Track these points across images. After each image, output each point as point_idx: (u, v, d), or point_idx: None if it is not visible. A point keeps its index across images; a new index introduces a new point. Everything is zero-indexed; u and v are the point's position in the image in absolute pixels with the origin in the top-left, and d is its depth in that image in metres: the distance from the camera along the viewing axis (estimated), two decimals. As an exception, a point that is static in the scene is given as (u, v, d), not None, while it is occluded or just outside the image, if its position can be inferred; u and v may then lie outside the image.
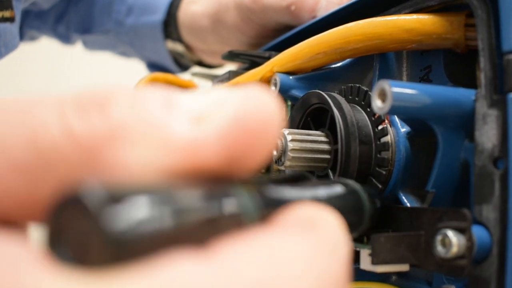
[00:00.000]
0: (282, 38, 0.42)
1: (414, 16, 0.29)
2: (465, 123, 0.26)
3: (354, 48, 0.32)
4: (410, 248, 0.26)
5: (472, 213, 0.25)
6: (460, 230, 0.24)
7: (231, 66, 0.51)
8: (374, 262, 0.25)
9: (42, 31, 0.70)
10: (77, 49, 0.73)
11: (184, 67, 0.62)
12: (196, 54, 0.59)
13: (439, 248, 0.24)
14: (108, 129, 0.13)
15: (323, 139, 0.30)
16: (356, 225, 0.22)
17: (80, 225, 0.12)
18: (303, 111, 0.32)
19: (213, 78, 0.47)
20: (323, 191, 0.17)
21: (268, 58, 0.39)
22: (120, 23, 0.62)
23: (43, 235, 0.13)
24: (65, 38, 0.70)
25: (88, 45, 0.70)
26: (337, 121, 0.28)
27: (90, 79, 1.28)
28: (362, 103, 0.30)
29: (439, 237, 0.24)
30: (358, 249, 0.27)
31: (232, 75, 0.41)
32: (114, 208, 0.11)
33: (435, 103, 0.25)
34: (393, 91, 0.24)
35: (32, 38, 0.73)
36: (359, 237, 0.28)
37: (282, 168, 0.31)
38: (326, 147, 0.30)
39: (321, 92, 0.30)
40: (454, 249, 0.24)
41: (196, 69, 0.56)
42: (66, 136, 0.13)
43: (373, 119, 0.29)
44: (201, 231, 0.12)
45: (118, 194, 0.12)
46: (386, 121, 0.29)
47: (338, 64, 0.36)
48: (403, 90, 0.24)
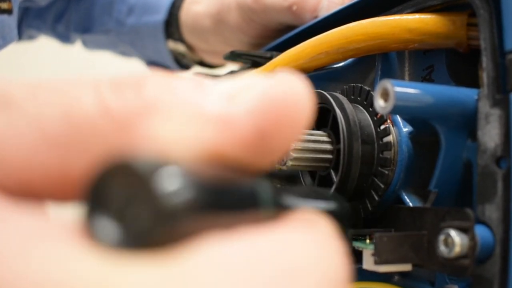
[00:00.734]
0: (284, 38, 0.42)
1: (417, 16, 0.29)
2: (468, 123, 0.26)
3: (356, 48, 0.32)
4: (413, 248, 0.26)
5: (475, 213, 0.25)
6: (463, 230, 0.24)
7: (233, 66, 0.51)
8: (377, 262, 0.25)
9: (41, 30, 0.70)
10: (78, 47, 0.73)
11: (185, 67, 0.62)
12: (198, 54, 0.59)
13: (442, 248, 0.24)
14: (142, 105, 0.13)
15: (325, 139, 0.30)
16: None
17: (128, 192, 0.11)
18: (305, 111, 0.32)
19: (215, 78, 0.47)
20: (321, 204, 0.17)
21: (270, 58, 0.39)
22: (121, 23, 0.62)
23: (79, 210, 0.12)
24: (65, 38, 0.70)
25: (88, 45, 0.70)
26: (339, 121, 0.28)
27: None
28: (364, 103, 0.30)
29: (442, 237, 0.24)
30: (361, 249, 0.27)
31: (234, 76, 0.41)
32: (167, 170, 0.11)
33: (438, 103, 0.25)
34: (396, 91, 0.24)
35: (31, 37, 0.73)
36: (362, 237, 0.28)
37: (284, 168, 0.31)
38: (328, 147, 0.30)
39: (323, 92, 0.30)
40: (457, 249, 0.24)
41: (197, 69, 0.56)
42: (101, 111, 0.13)
43: (376, 119, 0.29)
44: (227, 215, 0.12)
45: (161, 162, 0.11)
46: (389, 121, 0.29)
47: (340, 64, 0.36)
48: (406, 90, 0.24)
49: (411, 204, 0.29)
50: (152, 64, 0.63)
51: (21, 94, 0.13)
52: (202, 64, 0.61)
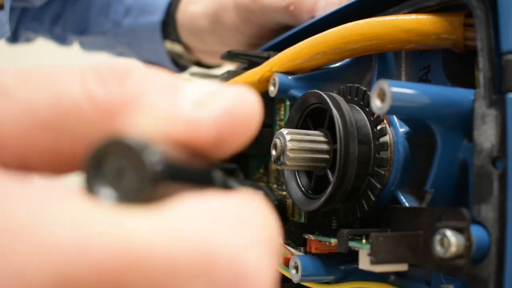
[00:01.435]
0: (281, 38, 0.42)
1: (413, 16, 0.29)
2: (464, 123, 0.26)
3: (353, 48, 0.32)
4: (409, 248, 0.26)
5: (471, 213, 0.25)
6: (459, 230, 0.24)
7: (230, 66, 0.51)
8: (373, 262, 0.25)
9: (39, 32, 0.70)
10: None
11: (182, 68, 0.62)
12: (195, 55, 0.59)
13: (438, 248, 0.24)
14: (124, 98, 0.16)
15: (322, 139, 0.30)
16: None
17: (121, 162, 0.14)
18: (302, 111, 0.32)
19: (212, 78, 0.47)
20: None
21: (267, 58, 0.39)
22: (118, 24, 0.62)
23: (79, 179, 0.15)
24: (62, 39, 0.70)
25: (85, 46, 0.70)
26: (336, 121, 0.28)
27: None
28: (361, 103, 0.30)
29: (438, 237, 0.25)
30: (357, 249, 0.27)
31: (231, 75, 0.41)
32: (149, 148, 0.14)
33: (434, 103, 0.25)
34: (393, 91, 0.24)
35: (28, 40, 0.73)
36: (358, 237, 0.28)
37: (281, 168, 0.31)
38: (325, 147, 0.30)
39: (320, 92, 0.30)
40: (453, 249, 0.24)
41: (195, 69, 0.56)
42: (87, 99, 0.15)
43: (372, 119, 0.29)
44: (193, 185, 0.16)
45: (146, 143, 0.15)
46: (385, 121, 0.29)
47: (337, 64, 0.36)
48: (402, 90, 0.25)
49: (408, 204, 0.29)
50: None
51: (14, 82, 0.15)
52: (199, 65, 0.61)
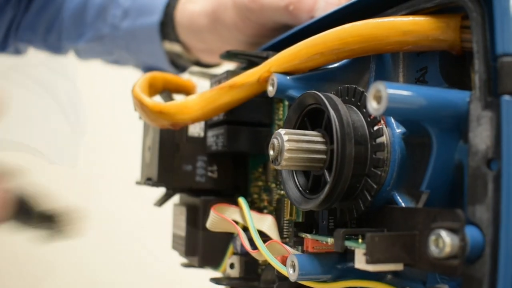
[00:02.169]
0: (280, 38, 0.42)
1: (411, 18, 0.30)
2: (460, 125, 0.26)
3: (351, 49, 0.32)
4: (404, 248, 0.26)
5: (466, 214, 0.25)
6: (453, 231, 0.24)
7: (229, 66, 0.51)
8: (369, 262, 0.26)
9: (32, 43, 0.68)
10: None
11: (182, 68, 0.61)
12: (194, 54, 0.59)
13: (433, 248, 0.25)
14: None
15: (319, 139, 0.30)
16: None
17: None
18: (300, 112, 0.33)
19: (211, 77, 0.47)
20: None
21: (266, 58, 0.39)
22: (116, 27, 0.61)
23: None
24: (57, 48, 0.68)
25: (81, 54, 0.68)
26: (333, 122, 0.29)
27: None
28: (358, 104, 0.31)
29: (433, 237, 0.25)
30: (353, 248, 0.28)
31: (230, 75, 0.42)
32: None
33: (430, 105, 0.26)
34: (389, 93, 0.24)
35: (17, 52, 0.70)
36: (354, 236, 0.28)
37: (279, 168, 0.31)
38: (322, 147, 0.30)
39: (317, 93, 0.31)
40: (447, 249, 0.24)
41: (194, 68, 0.56)
42: None
43: (369, 120, 0.30)
44: None
45: None
46: (382, 122, 0.30)
47: (336, 65, 0.36)
48: (399, 92, 0.25)
49: (404, 205, 0.29)
50: (148, 69, 0.62)
51: None
52: (199, 64, 0.61)
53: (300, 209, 0.36)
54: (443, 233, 0.24)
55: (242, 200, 0.39)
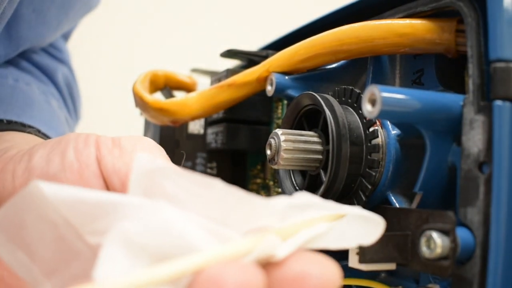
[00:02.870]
0: (279, 38, 0.42)
1: (407, 21, 0.30)
2: (453, 128, 0.27)
3: (349, 50, 0.33)
4: (397, 248, 0.27)
5: (457, 216, 0.25)
6: (445, 232, 0.25)
7: (229, 64, 0.51)
8: (361, 261, 0.26)
9: None
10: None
11: None
12: None
13: (424, 249, 0.25)
14: None
15: (316, 140, 0.31)
16: None
17: None
18: (297, 112, 0.33)
19: (212, 75, 0.48)
20: None
21: (266, 57, 0.39)
22: None
23: None
24: None
25: None
26: (329, 123, 0.29)
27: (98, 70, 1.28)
28: (355, 105, 0.31)
29: (424, 238, 0.25)
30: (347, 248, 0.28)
31: (230, 74, 0.42)
32: None
33: (424, 108, 0.26)
34: (383, 96, 0.25)
35: None
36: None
37: (276, 167, 0.31)
38: (319, 148, 0.31)
39: (314, 94, 0.31)
40: (438, 250, 0.25)
41: (196, 65, 0.56)
42: None
43: (365, 121, 0.30)
44: None
45: None
46: (378, 123, 0.30)
47: (333, 66, 0.36)
48: (393, 95, 0.25)
49: (398, 205, 0.30)
50: None
51: None
52: None
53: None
54: (434, 234, 0.25)
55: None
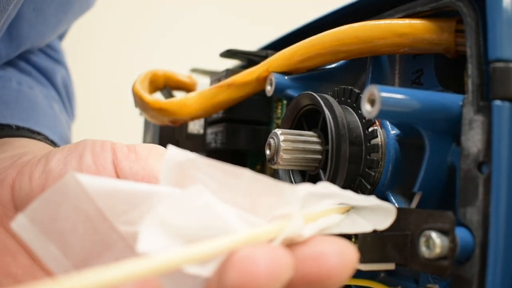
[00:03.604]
0: (279, 38, 0.42)
1: (407, 21, 0.30)
2: (453, 128, 0.27)
3: (348, 50, 0.33)
4: (396, 248, 0.27)
5: (457, 216, 0.25)
6: (444, 232, 0.25)
7: (229, 64, 0.51)
8: (361, 261, 0.26)
9: None
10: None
11: None
12: None
13: (423, 249, 0.25)
14: None
15: (315, 140, 0.31)
16: None
17: None
18: (296, 112, 0.33)
19: (212, 75, 0.48)
20: None
21: (266, 57, 0.39)
22: None
23: None
24: None
25: None
26: (328, 123, 0.29)
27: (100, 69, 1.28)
28: (354, 105, 0.31)
29: (424, 238, 0.25)
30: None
31: (229, 74, 0.42)
32: None
33: (423, 108, 0.26)
34: (382, 96, 0.25)
35: None
36: (347, 237, 0.28)
37: (275, 167, 0.31)
38: (318, 148, 0.31)
39: (313, 94, 0.31)
40: (437, 250, 0.25)
41: (196, 65, 0.57)
42: None
43: (364, 121, 0.30)
44: None
45: None
46: (377, 123, 0.30)
47: (333, 65, 0.36)
48: (392, 95, 0.25)
49: (397, 205, 0.30)
50: None
51: None
52: None
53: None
54: (434, 235, 0.25)
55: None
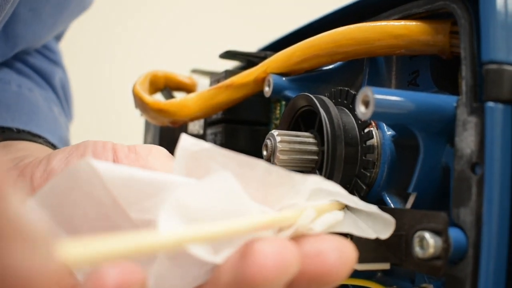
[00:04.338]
0: (278, 39, 0.43)
1: (402, 23, 0.30)
2: (447, 129, 0.27)
3: (345, 52, 0.33)
4: (391, 248, 0.27)
5: (451, 216, 0.26)
6: (437, 232, 0.25)
7: (229, 65, 0.52)
8: (356, 261, 0.26)
9: None
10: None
11: None
12: None
13: (417, 249, 0.26)
14: None
15: (311, 141, 0.31)
16: None
17: None
18: (294, 113, 0.33)
19: (211, 76, 0.48)
20: None
21: (264, 58, 0.40)
22: None
23: None
24: None
25: None
26: (324, 124, 0.29)
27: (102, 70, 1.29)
28: (350, 106, 0.31)
29: (417, 238, 0.26)
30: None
31: (228, 75, 0.42)
32: None
33: (418, 110, 0.26)
34: (376, 98, 0.25)
35: None
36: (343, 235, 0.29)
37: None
38: (314, 149, 0.31)
39: (310, 95, 0.31)
40: (431, 250, 0.25)
41: (196, 66, 0.57)
42: None
43: (360, 122, 0.30)
44: None
45: None
46: (373, 124, 0.30)
47: (330, 67, 0.37)
48: (386, 97, 0.25)
49: (392, 205, 0.30)
50: None
51: None
52: None
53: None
54: (427, 235, 0.25)
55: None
